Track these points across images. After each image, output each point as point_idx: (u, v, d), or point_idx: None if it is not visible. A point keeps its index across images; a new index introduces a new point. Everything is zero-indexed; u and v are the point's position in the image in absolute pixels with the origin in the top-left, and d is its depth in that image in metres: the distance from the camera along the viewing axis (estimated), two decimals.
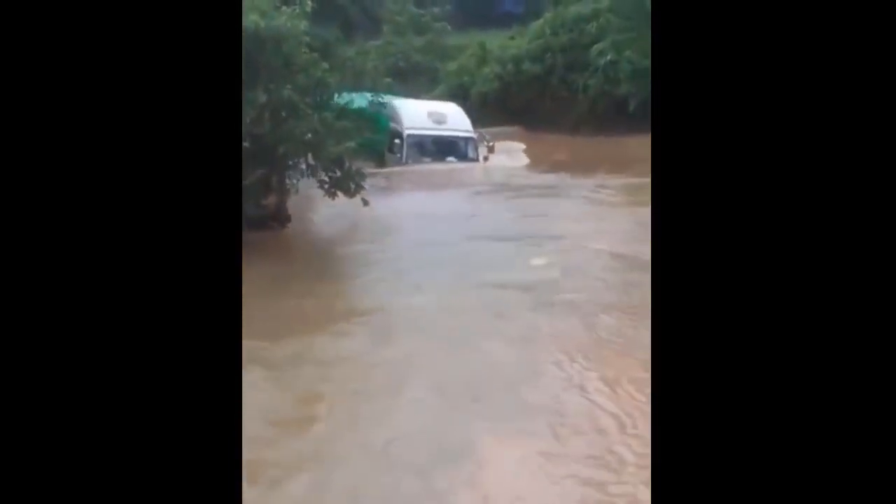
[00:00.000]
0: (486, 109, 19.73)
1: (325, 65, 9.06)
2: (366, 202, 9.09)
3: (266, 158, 9.10)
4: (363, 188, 9.08)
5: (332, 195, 9.11)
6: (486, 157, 15.12)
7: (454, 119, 15.40)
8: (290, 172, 9.52)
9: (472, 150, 15.07)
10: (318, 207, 10.01)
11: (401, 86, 19.55)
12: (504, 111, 20.61)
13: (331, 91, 9.42)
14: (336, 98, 9.64)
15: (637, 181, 9.61)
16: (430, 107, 16.10)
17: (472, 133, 15.30)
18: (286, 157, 8.98)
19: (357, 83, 11.26)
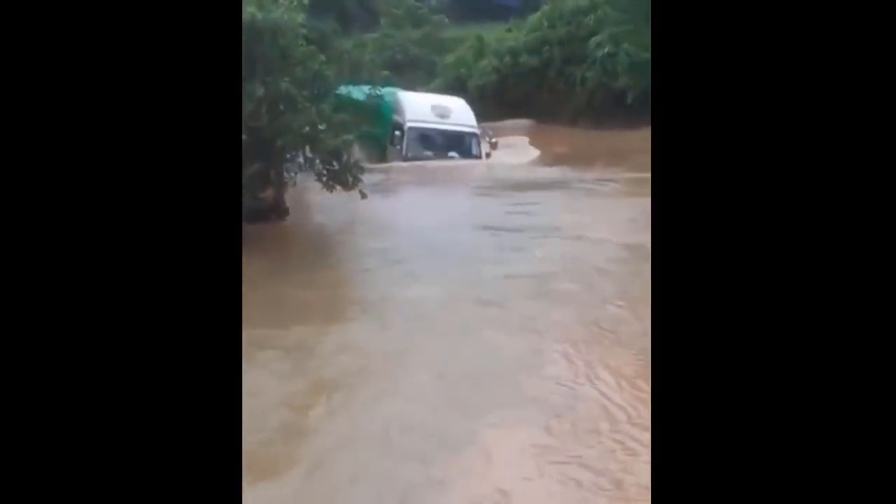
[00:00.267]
0: (484, 102, 19.68)
1: (323, 57, 9.03)
2: (364, 195, 9.09)
3: (263, 151, 9.07)
4: (361, 181, 9.07)
5: (330, 188, 9.10)
6: (489, 154, 14.89)
7: (458, 113, 15.07)
8: (288, 165, 9.51)
9: (476, 146, 14.76)
10: (316, 200, 9.99)
11: (398, 78, 19.52)
12: (502, 104, 20.58)
13: (328, 84, 9.39)
14: (334, 91, 9.62)
15: (639, 174, 9.61)
16: (435, 100, 15.77)
17: (477, 128, 15.01)
18: (284, 150, 8.96)
19: (354, 76, 11.24)
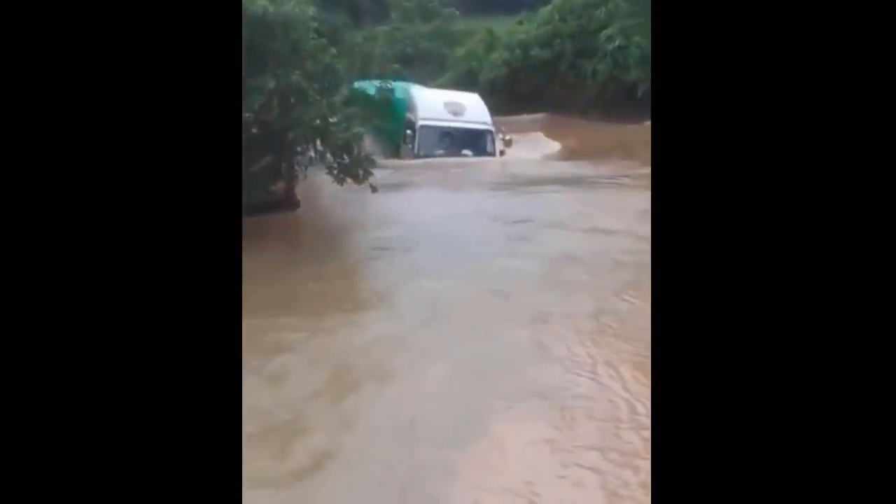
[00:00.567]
0: (495, 95, 19.64)
1: (334, 50, 9.03)
2: (374, 189, 9.09)
3: (274, 145, 9.11)
4: (371, 174, 9.07)
5: (341, 181, 9.09)
6: (503, 152, 14.60)
7: (472, 111, 14.76)
8: (299, 159, 9.53)
9: (490, 144, 14.45)
10: (327, 193, 10.01)
11: (408, 72, 19.51)
12: (512, 97, 20.55)
13: (339, 77, 9.40)
14: (345, 84, 9.63)
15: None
16: (449, 97, 15.47)
17: (491, 125, 14.68)
18: (295, 144, 8.98)
19: (365, 69, 11.23)
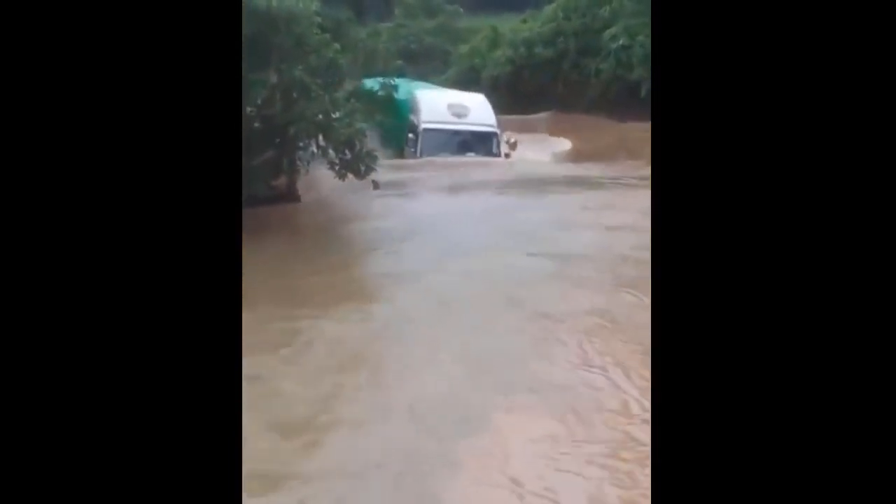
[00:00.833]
0: (498, 93, 19.62)
1: (337, 46, 9.04)
2: (376, 185, 9.09)
3: (276, 139, 9.12)
4: (374, 170, 9.07)
5: (343, 177, 9.10)
6: (508, 155, 14.17)
7: (477, 112, 14.21)
8: (301, 154, 9.53)
9: (495, 147, 13.93)
10: (328, 188, 10.02)
11: (412, 68, 19.51)
12: (516, 95, 20.54)
13: (342, 72, 9.39)
14: (350, 81, 9.63)
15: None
16: (453, 98, 14.91)
17: (496, 128, 14.10)
18: (297, 139, 8.98)
19: (368, 64, 11.21)
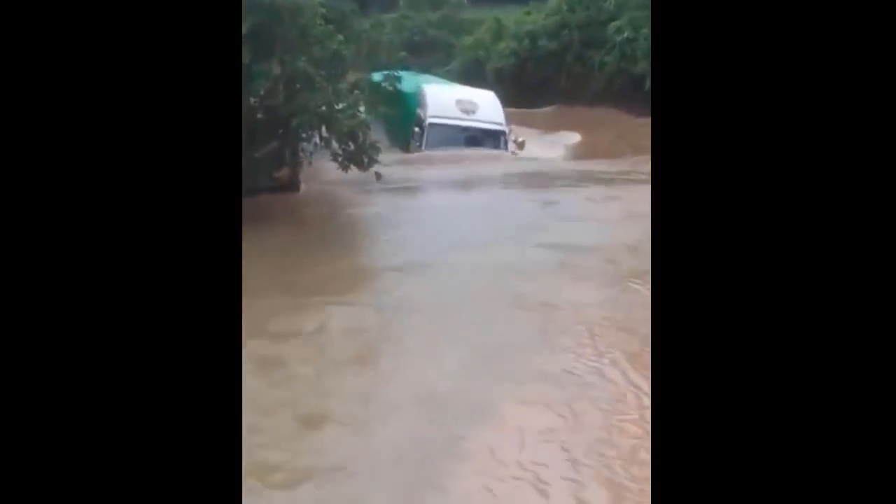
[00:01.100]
0: (502, 85, 19.57)
1: (341, 37, 9.02)
2: (379, 176, 9.09)
3: (279, 131, 9.12)
4: (377, 161, 9.07)
5: (346, 168, 9.10)
6: (515, 153, 13.95)
7: (485, 110, 13.95)
8: (304, 145, 9.53)
9: (503, 145, 13.76)
10: (331, 179, 10.04)
11: (416, 60, 19.43)
12: (519, 87, 20.48)
13: (345, 63, 9.38)
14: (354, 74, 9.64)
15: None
16: (461, 94, 14.62)
17: (504, 126, 13.90)
18: (300, 130, 8.98)
19: (372, 56, 11.18)
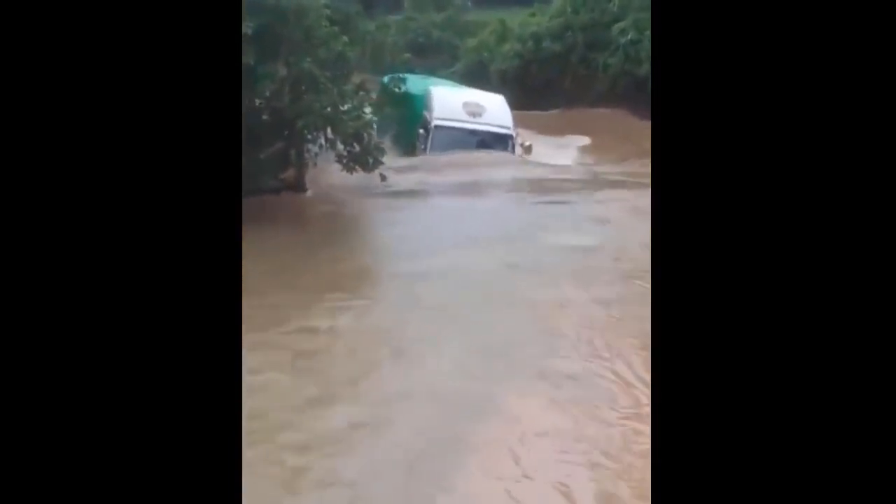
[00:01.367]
0: (506, 87, 19.56)
1: (346, 38, 9.03)
2: (384, 177, 9.10)
3: (285, 132, 9.13)
4: (382, 163, 9.08)
5: (351, 170, 9.11)
6: (521, 157, 13.54)
7: (493, 112, 13.64)
8: (309, 146, 9.54)
9: (510, 150, 13.40)
10: (336, 181, 10.05)
11: (420, 61, 19.44)
12: (524, 89, 20.47)
13: (350, 65, 9.40)
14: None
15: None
16: (469, 96, 14.34)
17: (511, 130, 13.54)
18: (305, 131, 8.99)
19: (377, 58, 11.19)
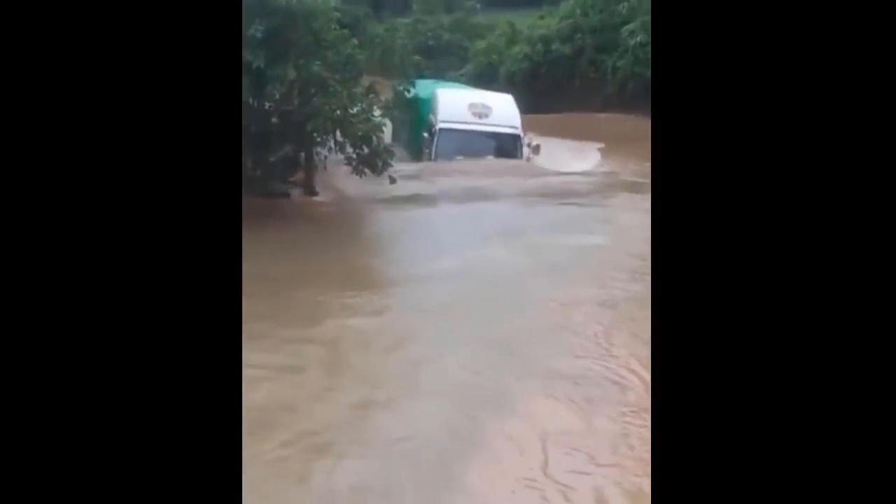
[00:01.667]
0: (515, 89, 19.53)
1: (355, 41, 9.07)
2: (393, 180, 9.12)
3: (294, 135, 9.16)
4: (391, 165, 9.10)
5: (360, 173, 9.13)
6: (529, 159, 13.13)
7: (500, 113, 13.30)
8: (318, 149, 9.57)
9: (518, 150, 12.98)
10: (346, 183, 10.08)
11: (429, 64, 19.42)
12: (532, 91, 20.45)
13: (359, 68, 9.42)
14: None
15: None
16: (476, 97, 14.01)
17: (519, 130, 13.19)
18: (315, 134, 9.02)
19: (386, 60, 11.22)
